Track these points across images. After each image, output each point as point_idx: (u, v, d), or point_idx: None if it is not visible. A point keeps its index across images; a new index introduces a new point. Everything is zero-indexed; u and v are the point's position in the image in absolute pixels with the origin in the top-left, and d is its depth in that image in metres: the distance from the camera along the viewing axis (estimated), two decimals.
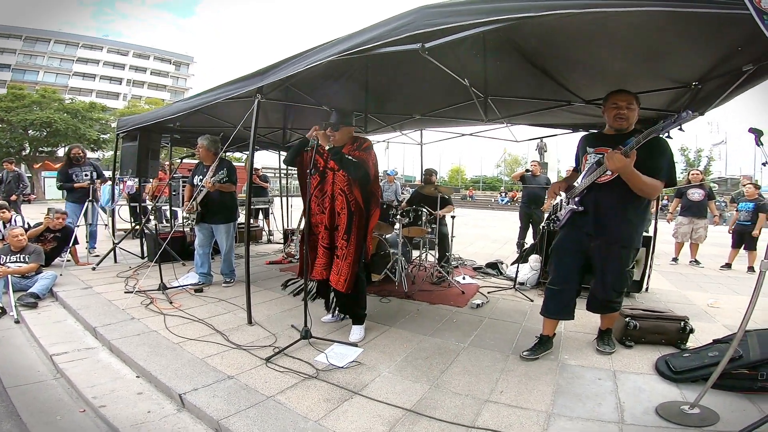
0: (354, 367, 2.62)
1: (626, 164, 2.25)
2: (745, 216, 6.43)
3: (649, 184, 2.35)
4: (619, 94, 2.52)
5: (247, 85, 3.19)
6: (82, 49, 50.19)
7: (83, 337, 3.17)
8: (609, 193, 2.50)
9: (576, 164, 2.89)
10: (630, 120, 2.49)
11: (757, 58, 2.32)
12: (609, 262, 2.61)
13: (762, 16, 1.43)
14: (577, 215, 2.65)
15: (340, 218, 2.99)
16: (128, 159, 5.30)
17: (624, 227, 2.54)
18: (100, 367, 2.70)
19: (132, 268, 5.07)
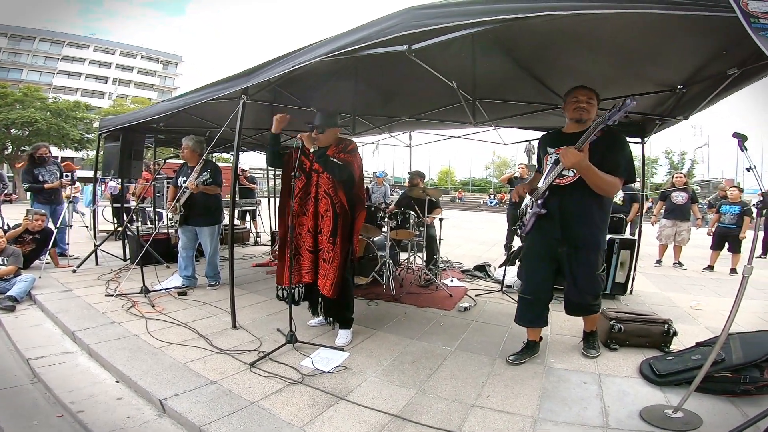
0: (340, 372, 2.58)
1: (581, 159, 2.22)
2: (731, 219, 6.54)
3: (607, 181, 2.33)
4: (579, 89, 2.50)
5: (232, 86, 3.14)
6: (68, 47, 49.30)
7: (61, 341, 3.09)
8: (573, 196, 2.47)
9: (538, 165, 2.86)
10: (590, 113, 2.46)
11: (742, 62, 2.36)
12: (579, 267, 2.57)
13: (749, 19, 1.44)
14: (543, 220, 2.60)
15: (324, 221, 2.95)
16: (111, 159, 5.20)
17: (590, 231, 2.52)
18: (78, 372, 2.62)
19: (114, 270, 4.96)
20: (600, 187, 2.35)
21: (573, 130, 2.52)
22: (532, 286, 2.74)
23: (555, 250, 2.59)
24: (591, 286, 2.62)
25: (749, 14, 1.47)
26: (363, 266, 4.62)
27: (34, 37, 46.63)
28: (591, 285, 2.62)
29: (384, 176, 7.91)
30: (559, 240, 2.55)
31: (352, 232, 3.01)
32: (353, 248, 3.06)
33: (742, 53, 2.32)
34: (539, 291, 2.71)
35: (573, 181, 2.44)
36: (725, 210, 6.61)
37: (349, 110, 5.09)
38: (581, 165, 2.26)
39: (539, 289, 2.70)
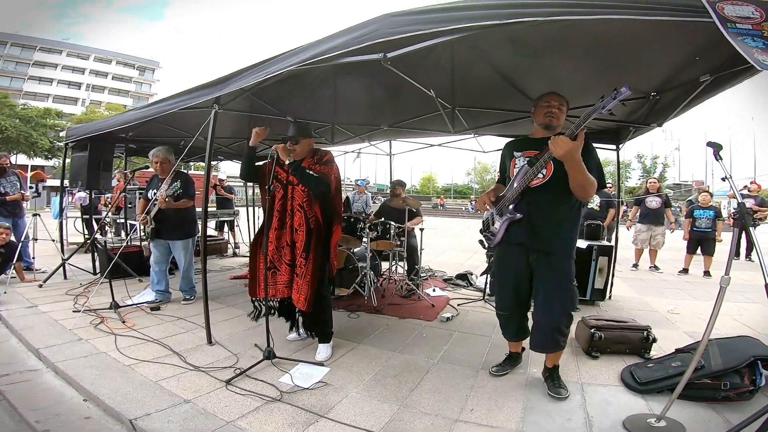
0: (320, 388, 2.50)
1: (574, 147, 2.01)
2: (707, 223, 6.70)
3: (589, 179, 2.14)
4: (551, 95, 2.41)
5: (204, 95, 3.04)
6: (40, 52, 47.93)
7: (26, 358, 2.94)
8: (541, 197, 2.32)
9: (501, 173, 2.70)
10: (559, 120, 2.36)
11: (714, 69, 2.39)
12: (550, 274, 2.35)
13: (725, 24, 1.44)
14: (512, 227, 2.43)
15: (298, 235, 2.88)
16: (78, 170, 5.00)
17: (561, 235, 2.34)
18: (43, 390, 2.50)
19: (82, 285, 4.75)
20: (582, 184, 2.16)
21: (541, 135, 2.42)
22: (506, 301, 2.57)
23: (526, 259, 2.41)
24: (566, 301, 2.37)
25: (726, 19, 1.46)
26: (343, 277, 4.54)
27: (5, 41, 45.29)
28: (565, 299, 2.36)
29: (365, 185, 7.84)
30: (526, 245, 2.38)
31: (327, 246, 2.94)
32: (330, 263, 2.98)
33: (714, 60, 2.37)
34: (514, 305, 2.55)
35: (543, 183, 2.31)
36: (699, 215, 6.79)
37: (328, 119, 5.03)
38: (574, 156, 2.04)
39: (514, 303, 2.54)
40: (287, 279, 2.91)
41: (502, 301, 2.62)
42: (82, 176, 4.93)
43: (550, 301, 2.36)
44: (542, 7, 1.72)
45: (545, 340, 2.43)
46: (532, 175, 2.29)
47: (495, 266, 2.64)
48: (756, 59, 1.42)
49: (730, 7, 1.49)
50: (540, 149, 2.29)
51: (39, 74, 47.57)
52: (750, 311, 4.36)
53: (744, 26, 1.48)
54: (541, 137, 2.39)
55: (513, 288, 2.51)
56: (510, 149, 2.56)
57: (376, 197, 20.27)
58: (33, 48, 47.53)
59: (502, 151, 2.67)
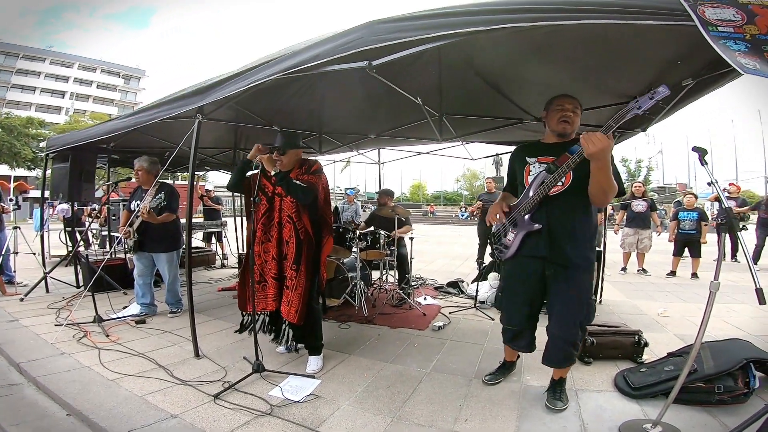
0: (311, 401, 2.44)
1: (608, 145, 1.89)
2: (690, 225, 6.81)
3: (613, 184, 2.03)
4: (564, 98, 2.28)
5: (187, 104, 2.97)
6: (23, 60, 47.05)
7: (8, 372, 2.85)
8: (561, 208, 2.19)
9: (510, 181, 2.56)
10: (574, 125, 2.25)
11: (696, 73, 2.41)
12: (568, 290, 2.22)
13: (707, 28, 1.43)
14: (528, 238, 2.29)
15: (288, 247, 2.82)
16: (59, 181, 4.88)
17: (580, 247, 2.21)
18: (25, 404, 2.42)
19: (65, 298, 4.64)
20: (605, 189, 2.04)
21: (554, 140, 2.31)
22: (517, 317, 2.44)
23: (541, 273, 2.28)
24: (579, 314, 2.25)
25: (707, 22, 1.45)
26: (333, 288, 4.49)
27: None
28: (580, 312, 2.25)
29: (355, 194, 7.80)
30: (546, 259, 2.24)
31: (318, 258, 2.89)
32: (320, 275, 2.94)
33: (696, 63, 2.38)
34: (525, 321, 2.42)
35: (562, 191, 2.18)
36: (683, 217, 6.89)
37: (315, 128, 4.99)
38: (605, 156, 1.93)
39: (526, 318, 2.41)
40: (275, 292, 2.85)
41: (513, 317, 2.47)
42: (63, 188, 4.81)
43: (566, 316, 2.24)
44: (527, 13, 1.72)
45: (559, 355, 2.31)
46: (551, 183, 2.15)
47: (506, 280, 2.50)
48: (739, 63, 1.41)
49: (711, 10, 1.48)
50: (555, 155, 2.17)
51: (22, 82, 46.75)
52: (738, 312, 4.41)
53: (726, 29, 1.47)
54: (556, 142, 2.30)
55: (526, 303, 2.38)
56: (521, 155, 2.41)
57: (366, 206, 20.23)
58: (16, 56, 46.68)
59: (510, 157, 2.53)
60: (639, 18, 1.56)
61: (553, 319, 2.29)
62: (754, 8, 1.48)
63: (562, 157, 2.12)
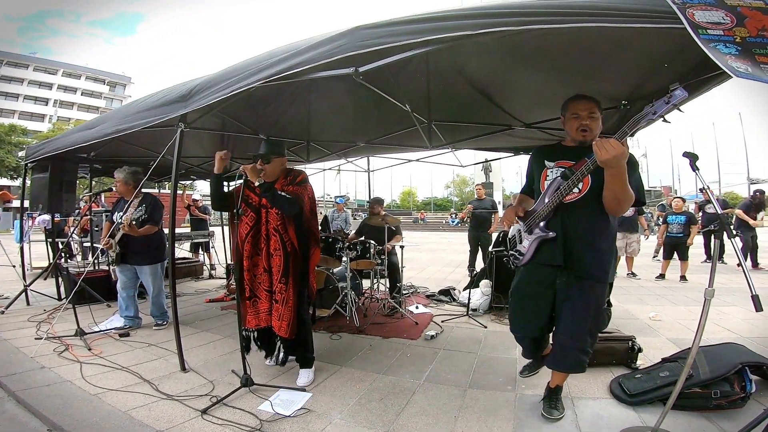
0: (303, 415, 2.36)
1: (623, 152, 1.78)
2: (678, 228, 6.91)
3: (628, 193, 1.92)
4: (578, 101, 2.15)
5: (168, 112, 2.89)
6: (6, 66, 46.29)
7: None
8: (576, 214, 2.10)
9: (528, 183, 2.47)
10: (594, 132, 2.11)
11: (683, 77, 2.41)
12: (581, 301, 2.12)
13: (697, 31, 1.41)
14: (542, 245, 2.20)
15: (274, 260, 2.76)
16: (39, 192, 4.75)
17: (597, 257, 2.11)
18: (5, 419, 2.35)
19: (47, 311, 4.50)
20: (619, 197, 1.94)
21: (574, 144, 2.22)
22: (522, 324, 2.39)
23: (552, 281, 2.18)
24: (590, 324, 2.17)
25: (697, 25, 1.43)
26: (324, 298, 4.42)
27: None
28: (591, 322, 2.17)
29: (344, 202, 7.75)
30: (560, 268, 2.14)
31: (306, 270, 2.84)
32: (309, 287, 2.88)
33: (682, 67, 2.39)
34: (533, 329, 2.36)
35: (579, 198, 2.09)
36: (672, 220, 6.99)
37: (303, 136, 4.94)
38: (621, 163, 1.82)
39: (534, 327, 2.34)
40: (268, 307, 2.79)
41: (520, 323, 2.41)
42: (43, 199, 4.68)
43: (576, 326, 2.15)
44: (515, 17, 1.70)
45: (566, 359, 2.21)
46: (566, 190, 2.06)
47: (514, 286, 2.41)
48: (730, 66, 1.39)
49: (701, 13, 1.47)
50: (575, 159, 2.09)
51: (5, 89, 45.87)
52: (729, 314, 4.43)
53: (715, 32, 1.45)
54: (576, 146, 2.21)
55: (533, 311, 2.30)
56: (540, 157, 2.30)
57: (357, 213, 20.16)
58: None
59: (530, 158, 2.44)
60: (628, 21, 1.54)
61: (561, 326, 2.20)
62: (743, 10, 1.47)
63: (580, 162, 2.04)
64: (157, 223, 4.01)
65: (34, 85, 48.28)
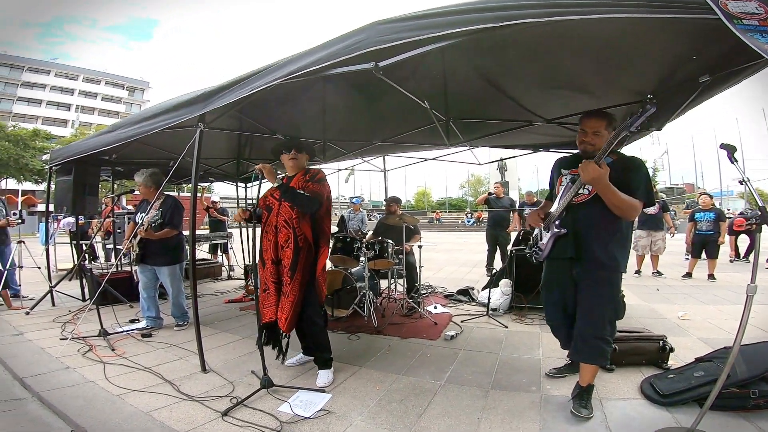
0: (323, 417, 2.34)
1: (600, 174, 2.07)
2: (708, 226, 6.68)
3: (626, 201, 2.16)
4: (588, 119, 2.38)
5: (188, 113, 2.92)
6: (28, 72, 47.48)
7: (11, 387, 2.81)
8: (587, 212, 2.31)
9: (550, 189, 2.70)
10: (596, 146, 2.31)
11: (712, 69, 2.33)
12: (596, 290, 2.29)
13: (732, 21, 1.37)
14: (559, 241, 2.42)
15: (285, 252, 2.77)
16: (63, 195, 4.85)
17: (606, 248, 2.28)
18: (28, 420, 2.37)
19: (71, 312, 4.60)
20: (619, 207, 2.18)
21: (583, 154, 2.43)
22: (551, 313, 2.61)
23: (570, 272, 2.39)
24: (607, 311, 2.31)
25: (732, 15, 1.41)
26: (342, 299, 4.41)
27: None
28: (607, 309, 2.31)
29: (360, 203, 7.74)
30: (573, 259, 2.35)
31: (315, 268, 2.82)
32: (318, 287, 2.84)
33: (711, 59, 2.29)
34: (561, 318, 2.52)
35: (587, 199, 2.31)
36: (700, 217, 6.76)
37: (319, 136, 4.94)
38: (601, 181, 2.10)
39: (561, 315, 2.51)
40: (275, 300, 2.80)
41: (547, 312, 2.66)
42: (67, 201, 4.78)
43: (591, 313, 2.31)
44: (540, 8, 1.64)
45: (586, 347, 2.33)
46: (573, 193, 2.32)
47: (543, 279, 2.63)
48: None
49: (734, 3, 1.44)
50: None
51: (28, 95, 47.02)
52: (760, 313, 4.24)
53: (750, 22, 1.42)
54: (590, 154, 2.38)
55: (559, 301, 2.50)
56: (558, 167, 2.60)
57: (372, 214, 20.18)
58: (21, 68, 47.02)
59: (551, 168, 2.69)
60: (660, 12, 1.50)
61: (579, 315, 2.37)
62: None
63: None
64: (176, 227, 4.04)
65: (56, 90, 49.42)
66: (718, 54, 2.19)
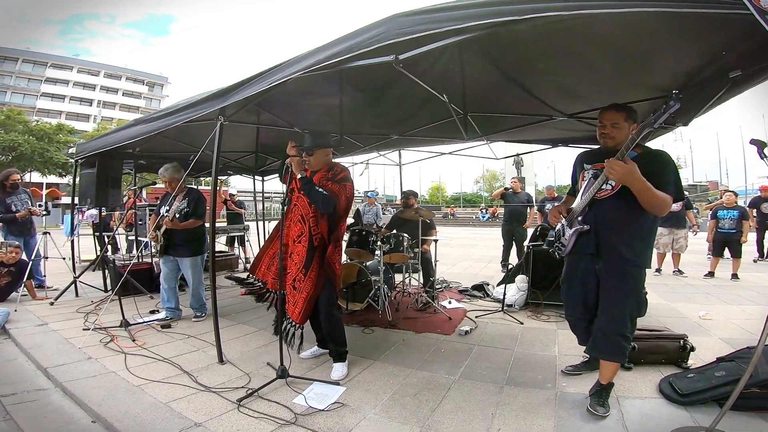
0: (336, 409, 2.37)
1: (628, 170, 2.01)
2: (731, 224, 6.50)
3: (659, 197, 2.07)
4: (606, 112, 2.33)
5: (208, 107, 2.96)
6: (51, 68, 48.50)
7: (35, 377, 2.89)
8: (609, 208, 2.26)
9: (573, 184, 2.66)
10: (617, 139, 2.27)
11: (743, 64, 2.25)
12: (617, 286, 2.26)
13: (764, 16, 1.34)
14: (581, 237, 2.37)
15: (296, 247, 2.81)
16: (87, 187, 4.98)
17: (628, 243, 2.23)
18: (51, 410, 2.43)
19: (94, 302, 4.71)
20: (651, 203, 2.10)
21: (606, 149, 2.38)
22: (572, 308, 2.55)
23: (592, 268, 2.35)
24: (628, 307, 2.27)
25: (764, 11, 1.36)
26: (356, 292, 4.42)
27: (16, 58, 45.78)
28: (628, 306, 2.27)
29: (375, 196, 7.76)
30: (595, 255, 2.31)
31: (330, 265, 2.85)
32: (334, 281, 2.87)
33: (742, 54, 2.22)
34: (581, 313, 2.49)
35: (610, 195, 2.26)
36: (723, 215, 6.58)
37: (336, 130, 4.95)
38: (632, 178, 2.03)
39: (581, 311, 2.48)
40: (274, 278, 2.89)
41: (567, 308, 2.62)
42: (91, 193, 4.91)
43: (613, 308, 2.28)
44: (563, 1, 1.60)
45: (605, 343, 2.31)
46: (596, 188, 2.27)
47: (564, 274, 2.60)
48: None
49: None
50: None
51: (51, 91, 48.04)
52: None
53: None
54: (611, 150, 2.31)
55: (580, 296, 2.47)
56: (581, 161, 2.55)
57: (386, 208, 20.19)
58: (44, 64, 48.02)
59: (574, 162, 2.64)
60: (690, 6, 1.45)
61: (599, 310, 2.35)
62: None
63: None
64: (201, 217, 4.14)
65: (78, 86, 50.40)
66: (749, 49, 2.12)
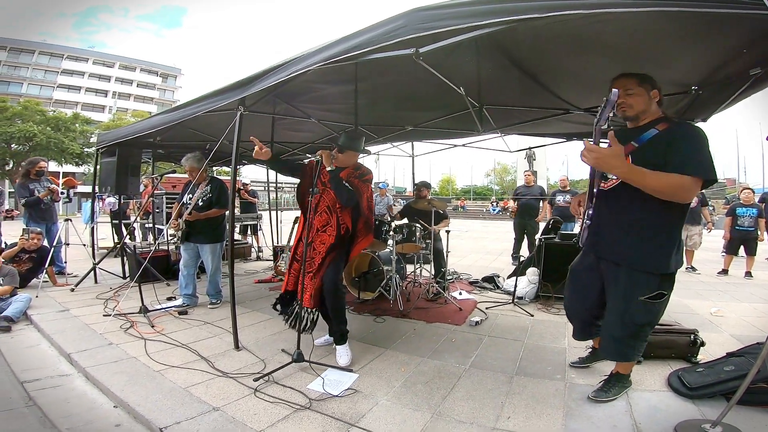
0: (350, 395, 2.43)
1: (601, 154, 1.78)
2: (749, 222, 6.42)
3: (663, 181, 1.78)
4: (615, 80, 2.09)
5: (228, 97, 3.03)
6: (67, 60, 49.21)
7: (57, 363, 2.97)
8: (613, 201, 2.07)
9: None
10: (635, 107, 2.03)
11: (764, 62, 2.24)
12: (617, 290, 2.12)
13: None
14: (585, 231, 2.28)
15: (320, 236, 2.93)
16: (107, 175, 5.10)
17: (634, 243, 2.02)
18: (74, 396, 2.49)
19: (113, 289, 4.84)
20: (657, 190, 1.82)
21: (631, 125, 2.14)
22: (569, 300, 2.53)
23: (597, 266, 2.22)
24: (627, 315, 2.10)
25: None
26: (369, 281, 4.49)
27: (33, 50, 46.56)
28: (628, 313, 2.09)
29: (386, 187, 7.79)
30: (598, 254, 2.20)
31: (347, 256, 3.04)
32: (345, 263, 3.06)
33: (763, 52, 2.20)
34: (577, 310, 2.46)
35: (615, 185, 2.05)
36: (742, 213, 6.49)
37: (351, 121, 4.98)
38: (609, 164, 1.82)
39: (578, 308, 2.45)
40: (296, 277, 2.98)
41: (568, 299, 2.56)
42: (111, 182, 5.03)
43: (611, 314, 2.20)
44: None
45: (605, 343, 2.32)
46: (599, 176, 2.11)
47: (572, 266, 2.49)
48: None
49: None
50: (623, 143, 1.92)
51: (68, 82, 48.77)
52: None
53: None
54: (633, 127, 2.12)
55: (579, 292, 2.42)
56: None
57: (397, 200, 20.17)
58: (61, 56, 48.74)
59: None
60: (709, 6, 1.46)
61: (609, 311, 2.25)
62: None
63: (627, 146, 1.96)
64: (224, 206, 4.24)
65: (94, 77, 50.98)
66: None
